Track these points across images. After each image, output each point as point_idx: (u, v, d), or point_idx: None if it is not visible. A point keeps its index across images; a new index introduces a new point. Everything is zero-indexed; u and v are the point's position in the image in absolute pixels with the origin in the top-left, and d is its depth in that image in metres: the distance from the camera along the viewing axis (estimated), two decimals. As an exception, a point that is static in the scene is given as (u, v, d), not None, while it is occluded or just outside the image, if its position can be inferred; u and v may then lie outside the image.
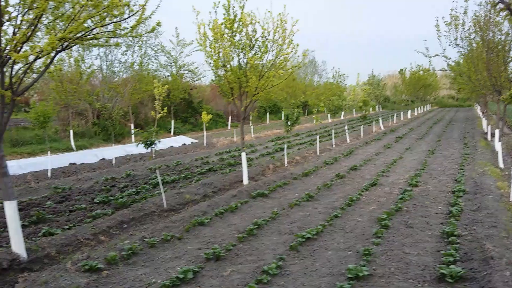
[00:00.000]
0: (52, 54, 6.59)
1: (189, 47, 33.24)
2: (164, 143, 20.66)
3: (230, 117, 36.18)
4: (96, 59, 27.45)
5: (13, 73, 6.45)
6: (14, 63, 6.32)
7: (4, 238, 7.54)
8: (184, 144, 23.05)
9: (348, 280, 5.48)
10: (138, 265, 6.27)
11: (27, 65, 6.48)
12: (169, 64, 32.86)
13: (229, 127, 34.93)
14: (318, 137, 20.41)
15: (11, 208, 6.32)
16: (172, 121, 30.19)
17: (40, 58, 6.45)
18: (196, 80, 36.47)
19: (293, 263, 6.30)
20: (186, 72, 34.57)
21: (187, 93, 33.41)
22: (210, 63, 12.18)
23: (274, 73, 12.13)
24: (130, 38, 23.06)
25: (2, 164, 6.31)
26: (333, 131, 23.66)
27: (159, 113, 18.86)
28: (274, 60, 12.18)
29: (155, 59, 30.04)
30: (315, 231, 7.46)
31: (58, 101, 19.22)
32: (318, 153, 18.53)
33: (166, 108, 19.28)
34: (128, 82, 25.25)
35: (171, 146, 21.80)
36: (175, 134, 28.56)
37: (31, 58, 6.27)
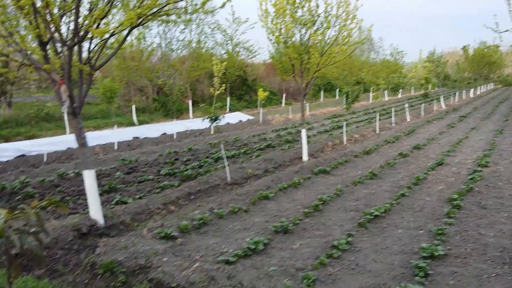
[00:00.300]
0: (125, 32, 6.78)
1: (244, 25, 33.13)
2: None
3: (284, 95, 35.99)
4: (155, 37, 28.06)
5: (91, 48, 6.70)
6: (92, 38, 6.55)
7: (80, 205, 8.00)
8: (240, 121, 23.24)
9: (422, 259, 5.35)
10: (209, 235, 6.45)
11: (103, 41, 6.71)
12: (225, 42, 33.04)
13: (283, 105, 34.78)
14: (378, 115, 19.88)
15: (90, 177, 6.65)
16: (228, 98, 30.46)
17: (115, 34, 6.66)
18: (251, 58, 36.44)
19: (362, 239, 6.23)
20: (241, 49, 34.62)
21: (242, 70, 33.51)
22: (271, 39, 12.09)
23: (337, 49, 11.85)
24: (189, 16, 23.38)
25: (81, 135, 6.64)
26: (392, 109, 22.94)
27: (218, 90, 19.04)
28: (336, 35, 11.88)
29: (211, 37, 30.29)
30: (383, 209, 7.32)
31: (121, 78, 19.88)
32: (377, 131, 18.09)
33: (224, 85, 19.42)
34: (185, 60, 25.67)
35: (228, 123, 22.05)
36: (231, 111, 28.86)
37: (107, 34, 6.48)
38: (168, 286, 4.74)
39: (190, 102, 25.32)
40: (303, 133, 12.31)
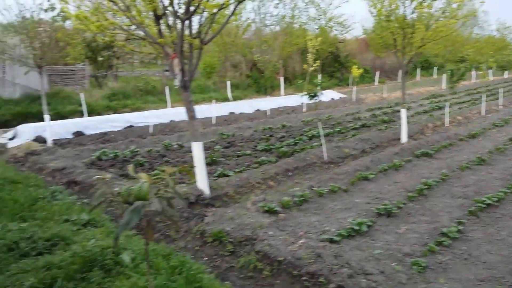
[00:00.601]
0: (232, 7, 6.86)
1: (339, -1, 32.12)
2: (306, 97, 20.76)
3: (377, 73, 34.59)
4: (250, 12, 28.27)
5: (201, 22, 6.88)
6: (203, 12, 6.72)
7: (185, 175, 8.42)
8: (332, 99, 22.84)
9: (548, 255, 4.92)
10: (310, 212, 6.48)
11: (212, 15, 6.86)
12: (318, 16, 32.34)
13: (376, 83, 33.49)
14: (484, 96, 18.37)
15: (198, 149, 6.95)
16: (319, 75, 29.98)
17: (223, 8, 6.77)
18: (344, 34, 35.36)
19: (473, 229, 5.87)
20: (334, 25, 33.69)
21: (335, 47, 32.69)
22: (372, 12, 11.59)
23: (445, 22, 11.04)
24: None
25: (191, 108, 6.92)
26: (500, 89, 21.04)
27: (311, 66, 18.81)
28: (444, 8, 11.05)
29: (304, 11, 29.83)
30: (496, 197, 6.81)
31: (219, 54, 20.40)
32: (483, 113, 16.76)
33: (318, 61, 19.12)
34: (278, 35, 25.59)
35: (320, 100, 21.75)
36: (322, 88, 28.40)
37: (216, 8, 6.60)
38: (274, 259, 4.85)
39: (282, 79, 25.34)
40: (403, 113, 11.76)
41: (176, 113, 15.64)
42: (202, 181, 6.98)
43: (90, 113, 15.48)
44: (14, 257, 4.65)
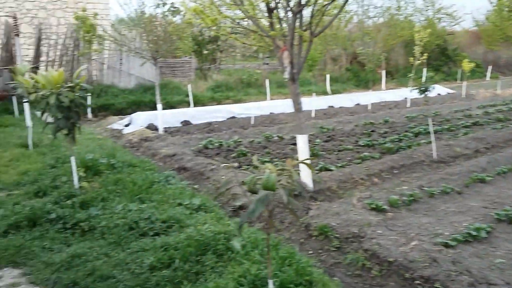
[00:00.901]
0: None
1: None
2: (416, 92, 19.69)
3: (489, 67, 31.78)
4: (353, 4, 27.52)
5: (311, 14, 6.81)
6: (314, 4, 6.64)
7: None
8: (439, 94, 21.50)
9: None
10: (420, 213, 6.14)
11: (323, 7, 6.75)
12: (425, 7, 30.50)
13: (487, 78, 30.82)
14: None
15: (303, 141, 6.93)
16: (425, 69, 28.32)
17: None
18: (453, 25, 32.97)
19: None
20: (443, 16, 31.53)
21: (443, 39, 30.64)
22: (492, 2, 10.61)
23: None
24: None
25: (298, 101, 6.91)
26: None
27: (418, 60, 17.80)
28: None
29: (411, 2, 28.30)
30: None
31: (320, 47, 20.18)
32: None
33: (425, 54, 18.03)
34: (382, 27, 24.62)
35: (426, 95, 20.58)
36: (426, 82, 26.82)
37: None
38: (384, 259, 4.67)
39: (383, 73, 24.39)
40: (526, 111, 10.65)
41: (275, 105, 15.83)
42: (305, 174, 6.95)
43: (196, 104, 16.25)
44: (134, 235, 5.02)
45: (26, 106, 9.89)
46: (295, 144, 10.43)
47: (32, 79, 5.80)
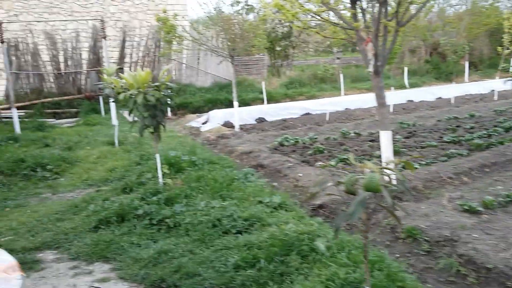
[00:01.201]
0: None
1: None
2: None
3: None
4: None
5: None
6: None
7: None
8: (532, 86, 19.71)
9: None
10: (519, 216, 5.62)
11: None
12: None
13: None
14: None
15: (386, 138, 6.61)
16: (512, 60, 26.25)
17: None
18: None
19: None
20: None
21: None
22: None
23: None
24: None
25: (381, 95, 6.60)
26: None
27: (508, 49, 16.45)
28: None
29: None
30: None
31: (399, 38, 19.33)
32: None
33: (516, 42, 16.61)
34: (464, 16, 23.09)
35: (516, 87, 19.03)
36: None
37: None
38: (482, 265, 4.30)
39: (466, 64, 22.90)
40: None
41: (351, 100, 15.44)
42: (390, 173, 6.62)
43: (269, 101, 16.28)
44: (217, 233, 5.06)
45: (112, 105, 10.46)
46: (373, 140, 10.12)
47: (121, 79, 6.06)
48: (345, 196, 6.16)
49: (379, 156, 8.08)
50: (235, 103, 11.77)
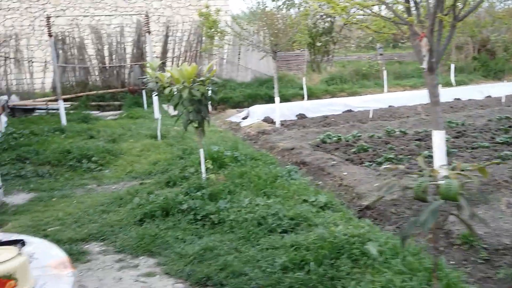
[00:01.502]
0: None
1: None
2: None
3: None
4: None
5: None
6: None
7: (414, 164, 7.82)
8: None
9: None
10: None
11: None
12: None
13: None
14: None
15: (439, 138, 6.28)
16: None
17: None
18: None
19: None
20: None
21: None
22: None
23: None
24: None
25: (435, 93, 6.28)
26: None
27: None
28: None
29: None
30: None
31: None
32: None
33: None
34: (516, 11, 21.93)
35: None
36: None
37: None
38: (551, 279, 3.99)
39: (517, 61, 21.82)
40: None
41: (395, 98, 15.01)
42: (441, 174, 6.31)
43: (309, 97, 16.03)
44: (262, 231, 4.94)
45: (155, 99, 10.54)
46: (420, 139, 9.76)
47: (167, 73, 6.03)
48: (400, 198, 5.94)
49: (428, 156, 7.78)
50: (277, 99, 11.62)
